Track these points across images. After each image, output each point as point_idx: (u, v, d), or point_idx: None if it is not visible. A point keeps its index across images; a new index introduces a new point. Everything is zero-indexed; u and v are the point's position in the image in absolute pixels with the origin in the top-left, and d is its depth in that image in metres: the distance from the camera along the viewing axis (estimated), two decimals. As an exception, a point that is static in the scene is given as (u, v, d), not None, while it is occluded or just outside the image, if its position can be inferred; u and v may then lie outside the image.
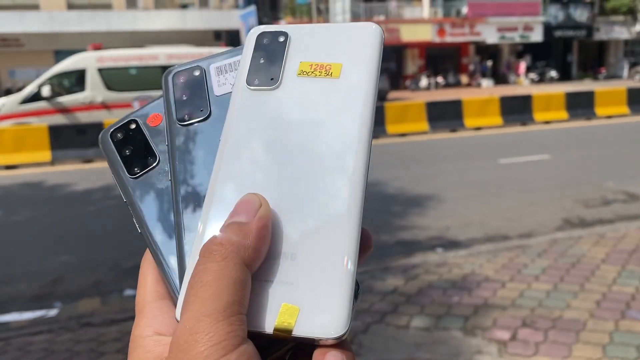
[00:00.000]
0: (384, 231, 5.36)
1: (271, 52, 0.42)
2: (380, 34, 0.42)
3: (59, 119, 11.67)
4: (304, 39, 0.42)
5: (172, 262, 0.41)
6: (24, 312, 3.89)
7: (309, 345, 0.34)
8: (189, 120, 0.43)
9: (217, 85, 0.44)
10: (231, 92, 0.43)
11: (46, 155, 10.02)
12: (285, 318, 0.34)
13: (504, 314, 3.38)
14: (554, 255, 4.36)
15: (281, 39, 0.42)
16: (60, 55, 26.22)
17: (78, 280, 4.45)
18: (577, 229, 5.22)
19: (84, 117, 11.94)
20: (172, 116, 0.44)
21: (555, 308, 3.42)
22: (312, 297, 0.35)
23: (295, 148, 0.39)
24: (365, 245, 0.38)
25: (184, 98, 0.44)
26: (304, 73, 0.41)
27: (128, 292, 4.18)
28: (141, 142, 0.45)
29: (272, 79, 0.41)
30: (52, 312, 3.87)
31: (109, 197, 7.33)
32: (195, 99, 0.44)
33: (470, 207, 6.18)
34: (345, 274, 0.35)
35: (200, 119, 0.43)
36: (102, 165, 9.78)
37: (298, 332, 0.34)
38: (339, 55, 0.41)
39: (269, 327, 0.34)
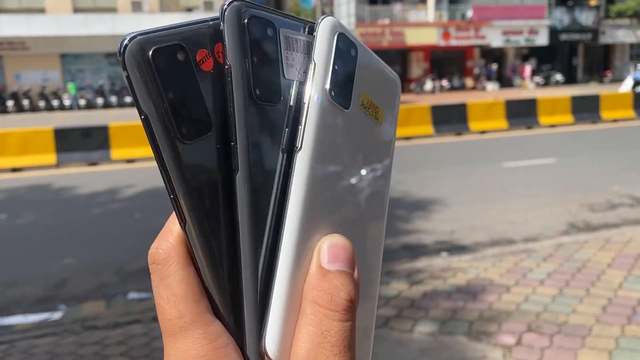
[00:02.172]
0: (389, 235, 5.35)
1: (346, 64, 0.37)
2: (400, 88, 0.43)
3: None
4: (365, 64, 0.39)
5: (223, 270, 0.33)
6: (29, 315, 3.90)
7: None
8: (262, 99, 0.34)
9: (286, 64, 0.35)
10: (296, 81, 0.35)
11: (51, 158, 10.05)
12: None
13: (509, 319, 3.36)
14: (559, 260, 4.34)
15: (353, 52, 0.37)
16: (66, 58, 26.39)
17: (82, 283, 4.46)
18: (582, 233, 5.19)
19: None
20: (243, 82, 0.33)
21: (561, 313, 3.40)
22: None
23: (356, 187, 0.38)
24: None
25: (256, 60, 0.33)
26: (363, 106, 0.38)
27: (132, 295, 4.18)
28: (193, 90, 0.32)
29: (346, 98, 0.36)
30: (57, 315, 3.88)
31: (113, 200, 7.35)
32: (269, 70, 0.34)
33: (475, 211, 6.16)
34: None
35: (271, 103, 0.34)
36: (107, 168, 9.81)
37: None
38: (382, 98, 0.40)
39: None
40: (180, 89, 0.31)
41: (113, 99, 25.90)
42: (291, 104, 0.35)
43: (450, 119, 12.65)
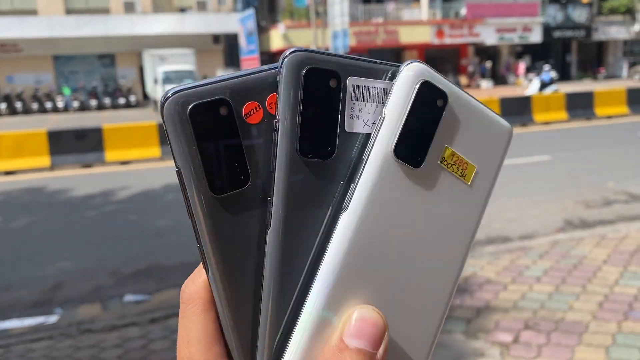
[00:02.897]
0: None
1: (427, 118, 0.34)
2: (510, 138, 0.37)
3: None
4: (457, 114, 0.35)
5: (243, 320, 0.33)
6: (24, 319, 3.88)
7: None
8: (310, 155, 0.32)
9: (349, 116, 0.33)
10: (362, 134, 0.33)
11: (45, 160, 10.01)
12: None
13: (506, 317, 3.36)
14: (555, 257, 4.34)
15: (440, 103, 0.34)
16: (59, 60, 26.28)
17: (78, 286, 4.44)
18: (578, 230, 5.20)
19: None
20: (291, 136, 0.32)
21: (558, 310, 3.40)
22: None
23: (414, 257, 0.34)
24: None
25: (308, 114, 0.32)
26: (445, 163, 0.34)
27: (128, 297, 4.16)
28: (233, 145, 0.32)
29: (418, 156, 0.33)
30: (53, 319, 3.85)
31: (108, 202, 7.32)
32: (324, 124, 0.33)
33: (471, 208, 6.16)
34: None
35: (322, 157, 0.33)
36: (101, 170, 9.78)
37: None
38: (476, 153, 0.36)
39: None
40: (218, 144, 0.31)
41: (107, 101, 25.81)
42: (351, 158, 0.33)
43: (444, 117, 12.65)
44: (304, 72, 0.32)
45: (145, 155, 10.28)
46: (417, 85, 0.34)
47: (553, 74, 16.23)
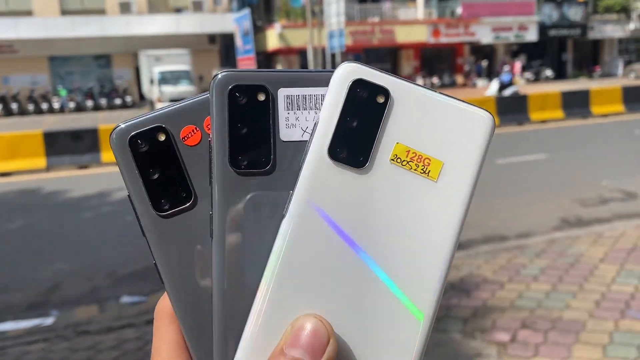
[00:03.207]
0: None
1: (365, 116, 0.33)
2: (492, 128, 0.34)
3: None
4: (406, 107, 0.33)
5: (195, 333, 0.34)
6: (20, 321, 3.86)
7: None
8: (245, 168, 0.33)
9: (285, 125, 0.34)
10: (300, 141, 0.33)
11: (41, 161, 9.97)
12: None
13: (503, 316, 3.36)
14: (552, 255, 4.35)
15: (380, 99, 0.33)
16: (54, 61, 26.22)
17: (74, 287, 4.42)
18: (575, 229, 5.21)
19: None
20: (221, 151, 0.33)
21: (555, 309, 3.41)
22: None
23: (372, 262, 0.32)
24: None
25: (243, 131, 0.33)
26: (398, 160, 0.33)
27: (125, 299, 4.15)
28: (172, 166, 0.34)
29: (360, 157, 0.32)
30: (48, 321, 3.84)
31: (104, 203, 7.30)
32: (256, 137, 0.33)
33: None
34: None
35: (260, 170, 0.33)
36: (97, 171, 9.75)
37: None
38: (441, 147, 0.33)
39: None
40: (158, 167, 0.34)
41: (103, 101, 25.74)
42: (290, 167, 0.34)
43: (441, 116, 12.67)
44: (229, 89, 0.33)
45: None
46: (349, 84, 0.33)
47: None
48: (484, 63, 30.64)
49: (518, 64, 30.46)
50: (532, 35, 29.69)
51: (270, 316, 0.31)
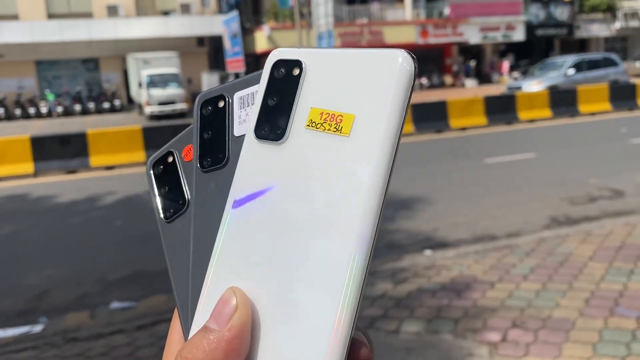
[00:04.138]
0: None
1: (283, 91, 0.35)
2: (409, 70, 0.32)
3: None
4: (319, 73, 0.34)
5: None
6: (8, 329, 3.82)
7: None
8: (207, 167, 0.38)
9: (238, 122, 0.38)
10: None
11: (29, 167, 9.89)
12: None
13: (494, 316, 3.37)
14: (541, 254, 4.37)
15: (295, 71, 0.35)
16: (41, 65, 26.01)
17: (63, 294, 4.38)
18: (564, 227, 5.24)
19: None
20: (195, 159, 0.39)
21: (545, 308, 3.42)
22: None
23: (290, 224, 0.33)
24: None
25: (208, 136, 0.39)
26: (313, 125, 0.33)
27: (115, 304, 4.12)
28: (175, 180, 0.41)
29: (279, 129, 0.34)
30: (37, 328, 3.80)
31: (93, 208, 7.25)
32: (217, 138, 0.38)
33: (458, 207, 6.19)
34: None
35: (219, 165, 0.38)
36: (85, 175, 9.69)
37: None
38: (354, 100, 0.33)
39: None
40: (167, 184, 0.41)
41: (91, 105, 25.58)
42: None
43: (430, 116, 12.71)
44: (200, 105, 0.40)
45: (131, 160, 10.20)
46: (271, 65, 0.36)
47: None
48: (472, 63, 30.79)
49: (506, 64, 30.63)
50: (519, 35, 29.88)
51: (210, 292, 0.34)
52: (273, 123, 0.35)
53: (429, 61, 30.15)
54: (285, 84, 0.35)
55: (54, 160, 10.00)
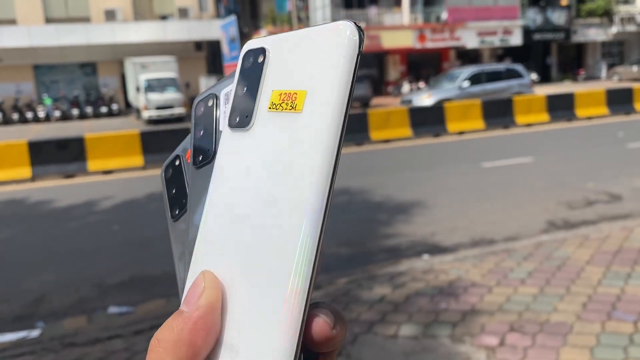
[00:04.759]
0: (370, 239, 5.35)
1: (250, 79, 0.37)
2: (354, 39, 0.33)
3: None
4: (279, 56, 0.36)
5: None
6: (5, 334, 3.81)
7: None
8: (199, 163, 0.41)
9: (223, 117, 0.40)
10: None
11: (26, 171, 9.88)
12: None
13: (492, 320, 3.37)
14: (539, 259, 4.38)
15: (260, 58, 0.37)
16: (39, 69, 26.01)
17: (61, 298, 4.37)
18: (561, 231, 5.25)
19: None
20: (191, 157, 0.42)
21: (542, 312, 3.43)
22: None
23: (255, 205, 0.34)
24: (323, 338, 0.33)
25: (201, 135, 0.41)
26: (274, 107, 0.35)
27: (112, 309, 4.11)
28: (180, 180, 0.43)
29: (246, 116, 0.36)
30: (35, 333, 3.79)
31: (91, 212, 7.24)
32: (207, 136, 0.41)
33: (455, 212, 6.20)
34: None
35: (207, 160, 0.40)
36: (83, 180, 9.68)
37: None
38: (306, 76, 0.34)
39: None
40: (175, 186, 0.43)
41: (89, 110, 25.56)
42: None
43: (428, 120, 12.73)
44: (195, 105, 0.43)
45: (128, 164, 10.20)
46: (242, 55, 0.38)
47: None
48: (470, 67, 30.84)
49: (503, 68, 30.70)
50: (516, 40, 29.96)
51: (190, 280, 0.36)
52: (242, 111, 0.37)
53: (426, 65, 30.21)
54: (252, 71, 0.37)
55: (51, 165, 9.99)
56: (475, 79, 16.22)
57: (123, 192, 8.16)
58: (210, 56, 27.53)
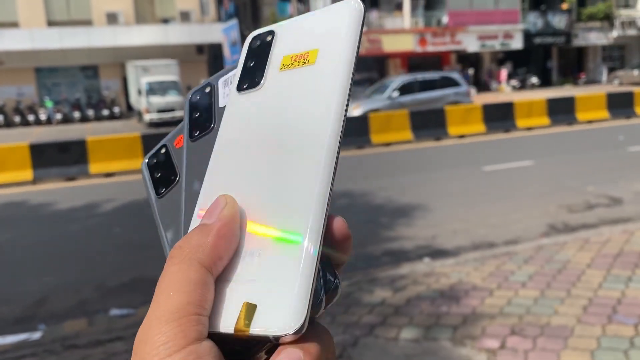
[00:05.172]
0: (371, 242, 5.36)
1: (259, 54, 0.42)
2: (359, 8, 0.39)
3: None
4: (287, 34, 0.42)
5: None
6: (7, 336, 3.82)
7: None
8: (197, 135, 0.45)
9: (222, 97, 0.46)
10: None
11: (28, 174, 9.89)
12: (244, 316, 0.33)
13: (493, 323, 3.38)
14: (540, 262, 4.38)
15: (268, 38, 0.42)
16: (41, 72, 26.06)
17: (62, 301, 4.38)
18: (562, 235, 5.25)
19: None
20: (185, 134, 0.46)
21: (543, 315, 3.43)
22: (269, 292, 0.33)
23: (269, 143, 0.38)
24: (342, 236, 0.37)
25: (197, 115, 0.46)
26: (285, 67, 0.40)
27: (114, 311, 4.12)
28: (168, 163, 0.47)
29: (256, 79, 0.41)
30: (36, 335, 3.80)
31: (92, 215, 7.25)
32: (204, 114, 0.46)
33: (456, 215, 6.20)
34: (304, 270, 0.33)
35: (206, 131, 0.45)
36: (85, 183, 9.70)
37: (254, 330, 0.33)
38: (317, 40, 0.39)
39: (230, 327, 0.33)
40: (161, 169, 0.48)
41: (90, 113, 25.60)
42: None
43: (428, 124, 12.74)
44: (190, 96, 0.48)
45: (130, 167, 10.20)
46: (249, 41, 0.43)
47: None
48: (471, 71, 30.88)
49: (504, 72, 30.74)
50: (517, 43, 30.00)
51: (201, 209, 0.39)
52: (251, 77, 0.41)
53: (427, 69, 30.18)
54: (260, 48, 0.42)
55: (53, 168, 10.00)
56: (406, 89, 15.52)
57: (124, 194, 8.17)
58: (211, 59, 27.57)
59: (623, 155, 9.52)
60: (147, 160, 0.49)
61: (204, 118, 0.46)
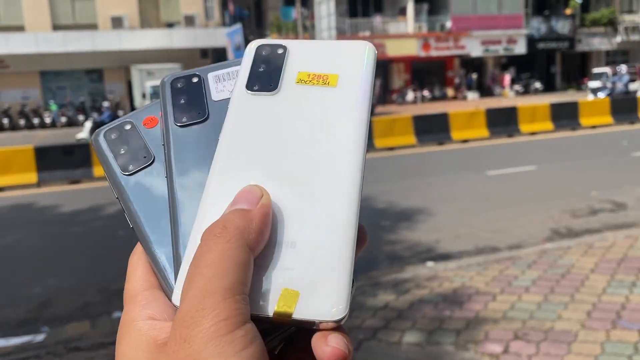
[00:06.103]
0: (374, 246, 5.35)
1: (271, 62, 0.44)
2: (374, 52, 0.43)
3: None
4: (301, 52, 0.44)
5: (165, 255, 0.42)
6: (10, 338, 3.83)
7: (308, 330, 0.35)
8: (187, 122, 0.45)
9: (216, 92, 0.46)
10: (229, 97, 0.44)
11: (32, 177, 9.92)
12: (286, 302, 0.35)
13: (496, 327, 3.37)
14: (543, 266, 4.37)
15: (280, 51, 0.44)
16: (46, 76, 26.18)
17: (66, 303, 4.39)
18: (565, 239, 5.24)
19: None
20: (169, 118, 0.45)
21: (547, 319, 3.42)
22: (312, 281, 0.36)
23: (294, 147, 0.40)
24: (361, 239, 0.39)
25: (182, 102, 0.46)
26: (302, 81, 0.42)
27: (117, 314, 4.12)
28: (136, 141, 0.46)
29: (271, 85, 0.42)
30: (39, 337, 3.81)
31: (96, 218, 7.27)
32: (194, 102, 0.46)
33: (460, 219, 6.20)
34: (344, 261, 0.37)
35: (199, 120, 0.45)
36: (89, 186, 9.72)
37: (298, 315, 0.34)
38: (335, 67, 0.42)
39: (270, 311, 0.35)
40: (128, 146, 0.46)
41: (94, 116, 25.67)
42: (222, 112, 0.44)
43: (432, 128, 12.74)
44: (171, 81, 0.47)
45: (134, 171, 10.21)
46: (255, 47, 0.45)
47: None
48: (474, 76, 30.89)
49: (507, 77, 30.74)
50: (521, 48, 30.00)
51: (217, 196, 0.39)
52: (264, 80, 0.43)
53: (430, 74, 30.27)
54: (271, 56, 0.44)
55: (57, 170, 10.03)
56: None
57: (128, 198, 8.17)
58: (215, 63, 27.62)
59: (627, 160, 9.50)
60: (103, 133, 0.48)
61: (194, 107, 0.46)
